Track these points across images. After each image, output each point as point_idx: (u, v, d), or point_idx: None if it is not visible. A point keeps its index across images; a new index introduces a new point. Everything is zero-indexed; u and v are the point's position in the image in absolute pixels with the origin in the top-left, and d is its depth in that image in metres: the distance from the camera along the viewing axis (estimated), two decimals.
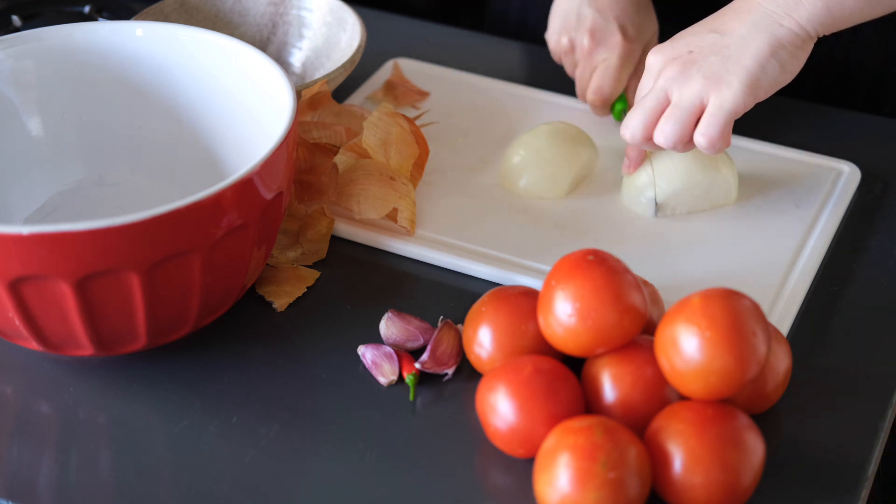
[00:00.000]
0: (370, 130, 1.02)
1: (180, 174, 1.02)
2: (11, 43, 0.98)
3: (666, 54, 0.97)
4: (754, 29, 0.93)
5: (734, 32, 0.94)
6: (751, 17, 0.94)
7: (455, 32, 1.31)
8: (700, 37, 0.96)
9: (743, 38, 0.93)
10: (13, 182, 0.99)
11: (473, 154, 1.11)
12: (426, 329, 0.93)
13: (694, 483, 0.78)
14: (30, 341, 0.87)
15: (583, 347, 0.84)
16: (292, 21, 1.19)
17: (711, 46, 0.95)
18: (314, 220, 1.01)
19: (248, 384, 0.90)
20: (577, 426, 0.79)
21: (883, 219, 1.05)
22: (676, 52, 0.96)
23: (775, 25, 0.93)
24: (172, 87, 1.01)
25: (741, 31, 0.94)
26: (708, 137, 0.94)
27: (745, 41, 0.93)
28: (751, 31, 0.94)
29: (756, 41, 0.93)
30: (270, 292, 0.97)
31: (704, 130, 0.94)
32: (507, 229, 1.02)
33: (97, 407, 0.89)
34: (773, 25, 0.93)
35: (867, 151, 1.12)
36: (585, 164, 1.07)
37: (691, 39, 0.96)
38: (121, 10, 1.25)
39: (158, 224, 0.81)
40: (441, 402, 0.89)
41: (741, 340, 0.79)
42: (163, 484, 0.84)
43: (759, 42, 0.93)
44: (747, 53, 0.93)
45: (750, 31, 0.94)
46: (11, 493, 0.83)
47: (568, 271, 0.84)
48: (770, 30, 0.93)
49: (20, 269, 0.81)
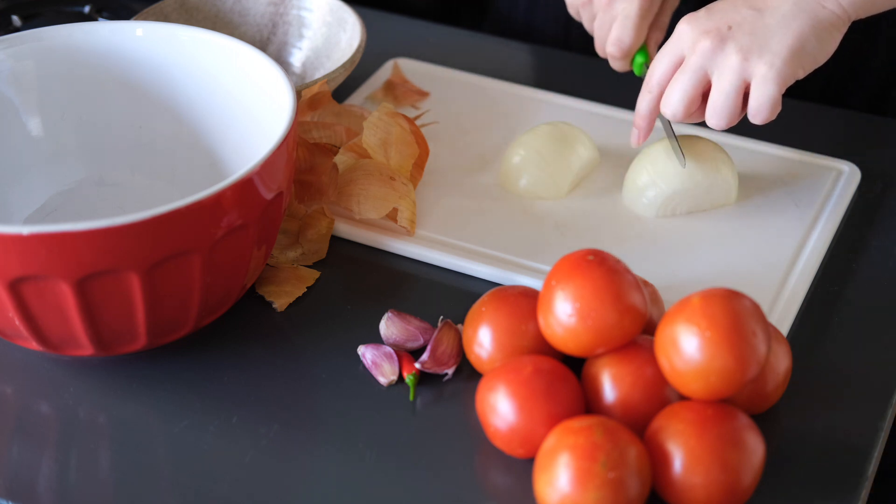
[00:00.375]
0: (370, 130, 1.02)
1: (180, 174, 1.02)
2: (11, 43, 0.98)
3: (701, 25, 0.95)
4: (796, 8, 0.93)
5: (775, 11, 0.93)
6: None
7: (455, 32, 1.31)
8: (738, 11, 0.94)
9: (784, 17, 0.93)
10: (13, 182, 0.99)
11: (473, 154, 1.11)
12: (426, 329, 0.93)
13: (694, 483, 0.78)
14: (30, 341, 0.87)
15: (583, 347, 0.84)
16: (292, 21, 1.19)
17: (751, 24, 0.93)
18: (314, 220, 1.01)
19: (248, 384, 0.90)
20: (577, 426, 0.79)
21: (883, 219, 1.05)
22: (713, 25, 0.94)
23: (818, 7, 0.93)
24: (172, 87, 1.01)
25: (783, 10, 0.93)
26: (762, 117, 0.94)
27: (786, 20, 0.93)
28: (793, 11, 0.93)
29: (798, 21, 0.93)
30: (270, 292, 0.97)
31: (756, 112, 0.94)
32: (507, 229, 1.02)
33: (97, 407, 0.89)
34: (816, 7, 0.93)
35: (867, 151, 1.12)
36: (585, 164, 1.07)
37: (729, 14, 0.94)
38: (121, 10, 1.25)
39: (158, 224, 0.81)
40: (441, 402, 0.89)
41: (741, 340, 0.79)
42: (163, 484, 0.84)
43: (801, 22, 0.93)
44: (789, 32, 0.92)
45: (792, 11, 0.93)
46: (11, 493, 0.83)
47: (568, 271, 0.84)
48: (812, 11, 0.93)
49: (20, 269, 0.81)
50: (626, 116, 1.15)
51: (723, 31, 0.94)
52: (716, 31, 0.94)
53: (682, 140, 1.03)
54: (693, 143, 1.03)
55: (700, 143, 1.03)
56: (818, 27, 0.93)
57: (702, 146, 1.03)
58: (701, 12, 0.96)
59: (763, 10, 0.94)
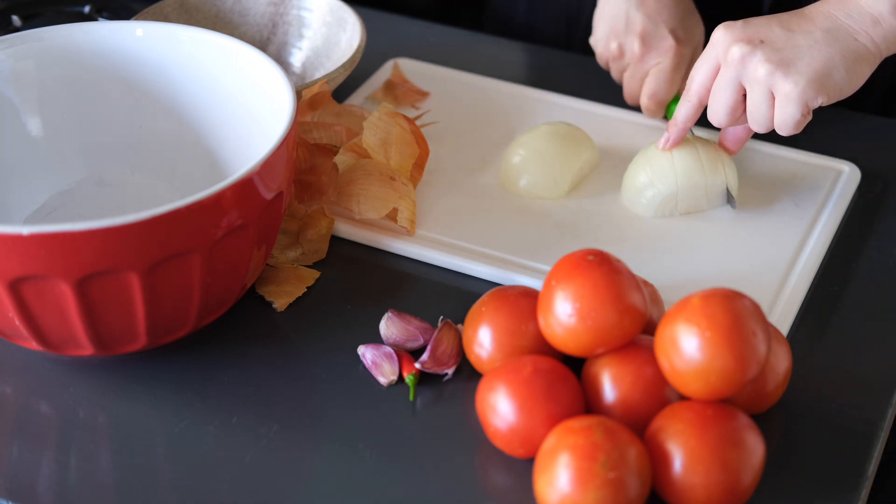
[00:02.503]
0: (370, 130, 1.02)
1: (180, 174, 1.02)
2: (11, 43, 0.98)
3: (735, 34, 0.96)
4: (829, 36, 0.94)
5: (808, 34, 0.94)
6: (826, 25, 0.94)
7: (455, 32, 1.31)
8: (771, 29, 0.95)
9: (816, 42, 0.94)
10: (13, 182, 0.99)
11: (473, 154, 1.11)
12: (426, 329, 0.93)
13: (694, 483, 0.78)
14: (30, 341, 0.87)
15: (583, 347, 0.84)
16: (292, 21, 1.19)
17: (783, 41, 0.94)
18: (314, 220, 1.01)
19: (248, 384, 0.90)
20: (577, 426, 0.79)
21: (883, 219, 1.05)
22: (746, 35, 0.95)
23: (850, 38, 0.94)
24: (172, 87, 1.01)
25: (815, 35, 0.94)
26: (786, 132, 0.96)
27: (817, 44, 0.94)
28: (825, 37, 0.94)
29: (829, 47, 0.94)
30: (270, 292, 0.97)
31: (780, 128, 0.96)
32: (507, 229, 1.02)
33: (97, 407, 0.89)
34: (849, 38, 0.94)
35: (867, 151, 1.12)
36: (585, 164, 1.07)
37: (762, 29, 0.95)
38: (121, 10, 1.25)
39: (158, 224, 0.81)
40: (441, 402, 0.89)
41: (741, 340, 0.79)
42: (163, 484, 0.84)
43: (832, 49, 0.93)
44: (819, 56, 0.93)
45: (824, 37, 0.94)
46: (11, 493, 0.83)
47: (568, 271, 0.84)
48: (845, 41, 0.94)
49: (20, 269, 0.81)
50: (626, 116, 1.15)
51: (754, 41, 0.95)
52: (747, 41, 0.95)
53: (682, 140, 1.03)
54: (692, 143, 1.03)
55: (699, 144, 1.03)
56: (848, 57, 0.94)
57: (701, 146, 1.03)
58: (738, 22, 0.97)
59: (795, 32, 0.94)
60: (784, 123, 0.95)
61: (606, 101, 1.17)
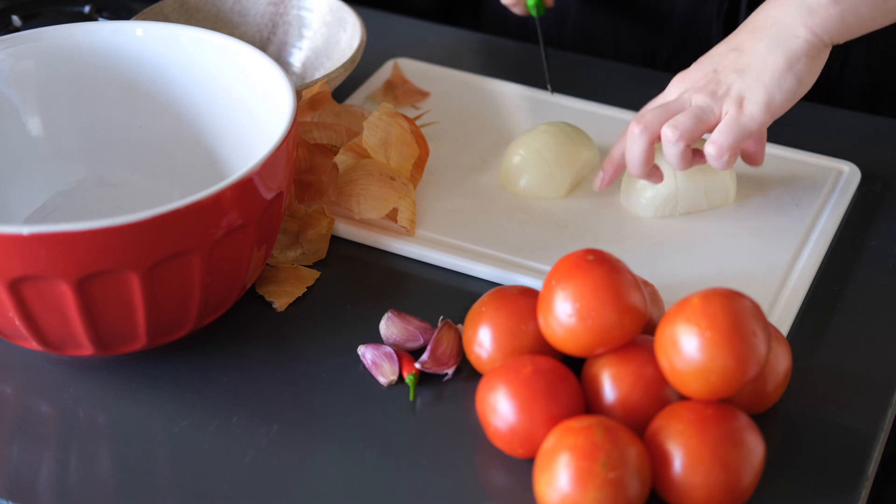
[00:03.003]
0: (370, 130, 1.02)
1: (180, 174, 1.02)
2: (11, 43, 0.98)
3: (691, 75, 0.98)
4: (772, 44, 0.95)
5: (753, 50, 0.95)
6: (767, 33, 0.95)
7: (455, 32, 1.31)
8: (722, 56, 0.97)
9: (762, 57, 0.95)
10: (13, 182, 0.99)
11: (473, 154, 1.11)
12: (426, 329, 0.93)
13: (694, 483, 0.78)
14: (30, 341, 0.87)
15: (583, 347, 0.84)
16: (292, 21, 1.19)
17: (734, 64, 0.96)
18: (314, 220, 1.01)
19: (248, 384, 0.90)
20: (577, 426, 0.79)
21: (883, 219, 1.05)
22: (701, 72, 0.97)
23: (791, 38, 0.95)
24: (172, 87, 1.01)
25: (759, 49, 0.95)
26: (718, 145, 0.95)
27: (763, 59, 0.95)
28: (769, 48, 0.95)
29: (774, 57, 0.94)
30: (270, 292, 0.97)
31: (716, 138, 0.95)
32: (507, 229, 1.02)
33: (97, 407, 0.89)
34: (790, 39, 0.95)
35: (867, 151, 1.12)
36: (585, 163, 1.07)
37: (716, 59, 0.98)
38: (121, 10, 1.25)
39: (158, 224, 0.81)
40: (441, 402, 0.89)
41: (741, 340, 0.79)
42: (163, 484, 0.84)
43: (777, 58, 0.94)
44: (766, 70, 0.94)
45: (768, 48, 0.95)
46: (11, 493, 0.83)
47: (568, 271, 0.84)
48: (786, 44, 0.94)
49: (20, 269, 0.81)
50: (626, 116, 1.15)
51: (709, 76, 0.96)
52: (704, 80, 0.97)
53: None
54: None
55: (698, 144, 1.03)
56: (793, 60, 0.95)
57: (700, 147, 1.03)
58: (691, 69, 0.99)
59: (743, 51, 0.96)
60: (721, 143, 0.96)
61: (606, 101, 1.17)
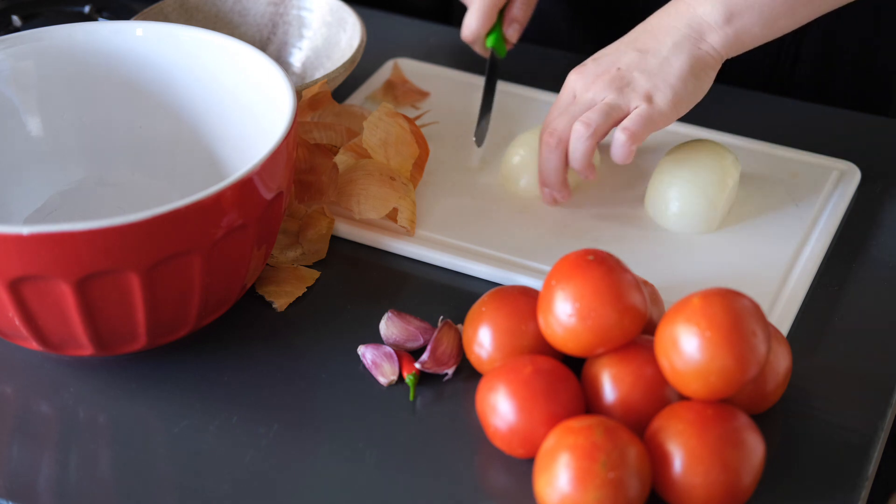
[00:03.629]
0: (370, 130, 1.02)
1: (180, 174, 1.02)
2: (11, 43, 0.98)
3: (590, 73, 1.00)
4: (676, 49, 0.98)
5: (657, 52, 0.98)
6: (670, 39, 0.99)
7: (455, 32, 1.31)
8: (623, 55, 1.00)
9: (666, 58, 0.98)
10: (13, 182, 0.99)
11: (473, 154, 1.11)
12: (426, 329, 0.93)
13: (694, 483, 0.78)
14: (30, 341, 0.87)
15: (583, 347, 0.84)
16: (292, 21, 1.19)
17: (637, 64, 0.98)
18: (314, 220, 1.01)
19: (248, 384, 0.90)
20: (577, 426, 0.79)
21: (883, 219, 1.05)
22: (601, 69, 0.99)
23: (694, 47, 0.98)
24: (172, 87, 1.01)
25: (663, 52, 0.98)
26: (630, 132, 0.97)
27: (668, 60, 0.98)
28: (672, 51, 0.98)
29: (679, 61, 0.98)
30: (270, 292, 0.97)
31: (628, 125, 0.97)
32: (507, 229, 1.02)
33: (97, 407, 0.89)
34: (693, 47, 0.98)
35: (867, 151, 1.12)
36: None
37: (615, 57, 1.00)
38: (121, 10, 1.25)
39: (158, 224, 0.81)
40: (441, 402, 0.89)
41: (741, 340, 0.79)
42: (163, 484, 0.84)
43: (682, 62, 0.98)
44: (672, 71, 0.98)
45: (672, 51, 0.98)
46: (11, 493, 0.83)
47: (568, 271, 0.84)
48: (690, 51, 0.98)
49: (20, 269, 0.81)
50: None
51: (612, 72, 0.99)
52: (606, 74, 0.99)
53: (695, 144, 1.02)
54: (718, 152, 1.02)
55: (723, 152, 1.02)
56: (696, 65, 0.98)
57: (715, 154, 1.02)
58: (588, 63, 1.01)
59: (646, 52, 0.99)
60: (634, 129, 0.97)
61: None
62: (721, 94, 1.17)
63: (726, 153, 1.02)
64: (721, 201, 1.00)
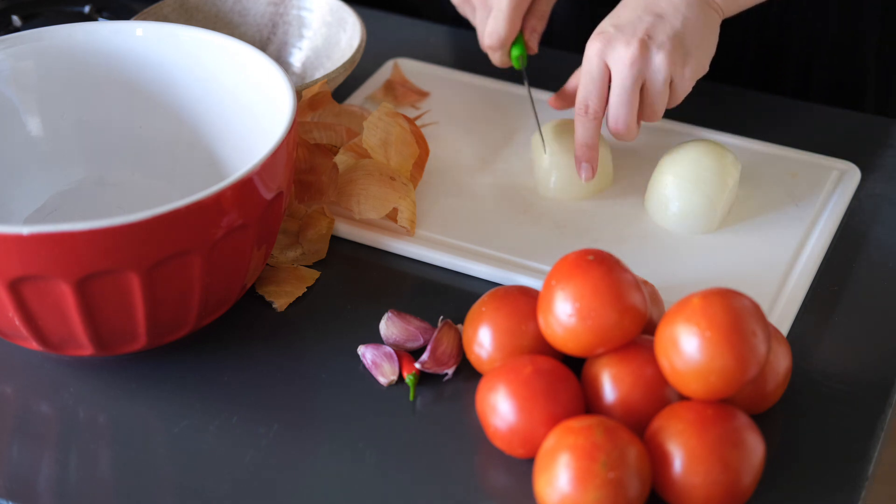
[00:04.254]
0: (370, 130, 1.02)
1: (180, 174, 1.02)
2: (11, 43, 0.98)
3: (616, 41, 0.98)
4: (690, 9, 0.98)
5: (675, 14, 0.98)
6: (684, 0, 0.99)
7: (455, 32, 1.31)
8: (640, 20, 0.98)
9: (686, 19, 0.98)
10: (13, 182, 0.99)
11: (473, 154, 1.11)
12: (426, 329, 0.93)
13: (694, 483, 0.78)
14: (30, 341, 0.87)
15: (583, 347, 0.84)
16: (292, 21, 1.19)
17: (661, 29, 0.97)
18: (314, 220, 1.01)
19: (249, 384, 0.90)
20: (577, 426, 0.79)
21: (883, 219, 1.05)
22: (626, 37, 0.97)
23: (706, 6, 0.99)
24: (172, 87, 1.01)
25: (681, 13, 0.98)
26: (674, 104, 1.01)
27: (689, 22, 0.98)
28: (688, 11, 0.98)
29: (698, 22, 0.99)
30: (270, 292, 0.97)
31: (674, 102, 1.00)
32: (507, 229, 1.02)
33: (97, 407, 0.89)
34: (705, 6, 0.99)
35: (867, 151, 1.12)
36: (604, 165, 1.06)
37: (635, 24, 0.98)
38: (121, 10, 1.25)
39: (158, 224, 0.81)
40: (441, 402, 0.89)
41: (741, 340, 0.79)
42: (163, 484, 0.84)
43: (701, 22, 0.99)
44: (694, 33, 0.99)
45: (688, 11, 0.98)
46: (11, 493, 0.83)
47: (568, 271, 0.84)
48: (705, 10, 0.99)
49: (20, 269, 0.81)
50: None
51: (639, 39, 0.97)
52: (633, 44, 0.97)
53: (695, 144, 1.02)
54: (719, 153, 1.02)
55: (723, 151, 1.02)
56: (709, 26, 1.00)
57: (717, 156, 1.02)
58: (608, 29, 0.99)
59: (665, 16, 0.98)
60: (677, 102, 1.01)
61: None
62: (721, 95, 1.17)
63: (726, 153, 1.02)
64: (721, 201, 1.00)
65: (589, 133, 1.01)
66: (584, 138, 1.01)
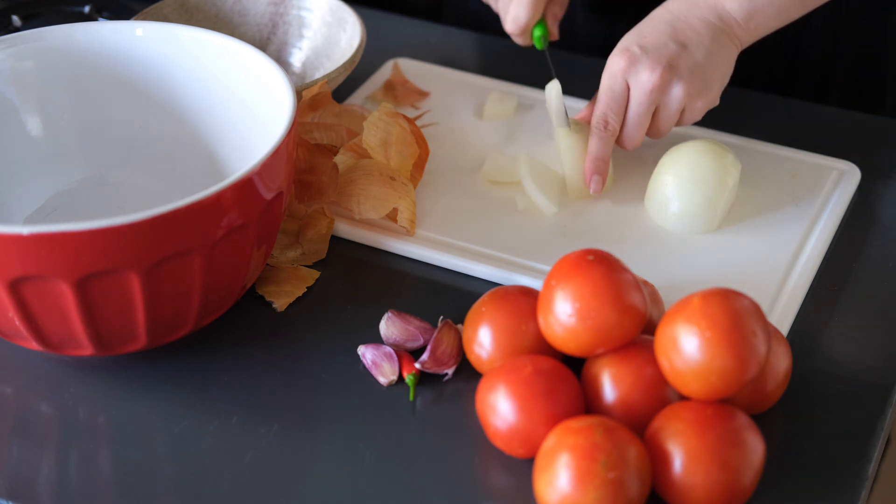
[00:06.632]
0: (370, 130, 1.02)
1: (180, 174, 1.02)
2: (11, 43, 0.98)
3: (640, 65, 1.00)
4: (715, 44, 1.01)
5: (701, 46, 1.01)
6: (708, 32, 1.01)
7: (455, 32, 1.31)
8: (665, 47, 1.00)
9: (711, 54, 1.01)
10: (13, 182, 0.99)
11: (473, 154, 1.11)
12: (426, 329, 0.93)
13: (694, 483, 0.78)
14: (30, 341, 0.87)
15: (583, 347, 0.84)
16: (292, 21, 1.19)
17: (685, 59, 1.00)
18: (314, 220, 1.01)
19: (249, 384, 0.90)
20: (577, 426, 0.79)
21: (883, 219, 1.05)
22: (651, 61, 1.00)
23: (728, 42, 1.02)
24: (172, 87, 1.01)
25: (706, 45, 1.01)
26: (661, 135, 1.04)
27: (712, 56, 1.01)
28: (714, 46, 1.01)
29: (719, 56, 1.02)
30: (270, 292, 0.97)
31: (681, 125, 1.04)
32: (507, 229, 1.02)
33: (97, 407, 0.89)
34: (727, 42, 1.03)
35: (867, 151, 1.12)
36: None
37: (660, 50, 1.00)
38: (121, 10, 1.25)
39: (158, 224, 0.81)
40: (441, 402, 0.89)
41: (741, 340, 0.79)
42: (163, 484, 0.84)
43: (724, 58, 1.02)
44: (717, 68, 1.02)
45: (713, 46, 1.01)
46: (11, 493, 0.83)
47: (568, 271, 0.84)
48: (726, 45, 1.02)
49: (20, 269, 0.81)
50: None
51: (662, 67, 1.00)
52: (658, 70, 1.00)
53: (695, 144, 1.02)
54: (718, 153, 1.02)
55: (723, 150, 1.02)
56: (730, 60, 1.04)
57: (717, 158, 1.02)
58: (634, 50, 1.01)
59: (689, 46, 1.01)
60: (682, 125, 1.05)
61: None
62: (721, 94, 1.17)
63: (726, 153, 1.02)
64: (721, 201, 1.00)
65: (605, 148, 1.03)
66: (599, 152, 1.03)
